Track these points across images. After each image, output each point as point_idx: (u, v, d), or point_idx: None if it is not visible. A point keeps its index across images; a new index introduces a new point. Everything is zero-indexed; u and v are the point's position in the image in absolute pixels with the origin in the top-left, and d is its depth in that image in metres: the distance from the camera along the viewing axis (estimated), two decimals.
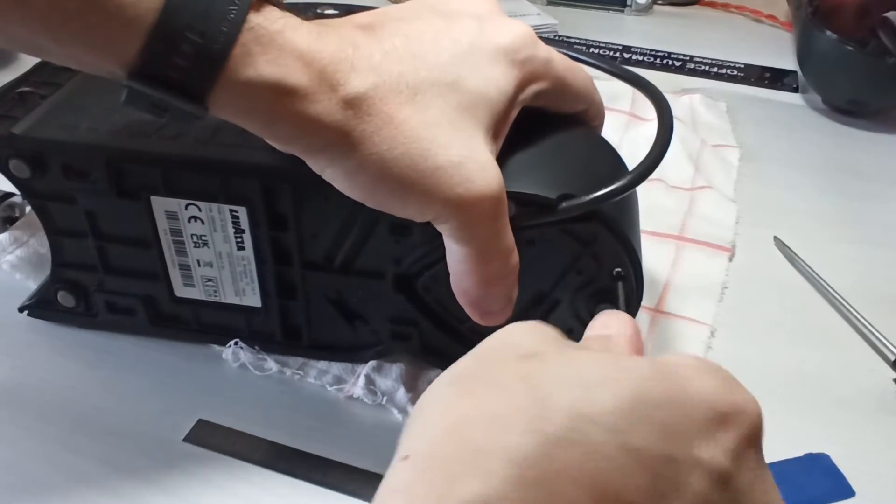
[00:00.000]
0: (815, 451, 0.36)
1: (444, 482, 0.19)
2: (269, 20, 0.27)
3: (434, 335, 0.38)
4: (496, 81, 0.30)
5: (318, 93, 0.27)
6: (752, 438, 0.22)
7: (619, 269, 0.34)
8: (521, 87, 0.32)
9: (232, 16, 0.26)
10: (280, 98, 0.27)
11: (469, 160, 0.29)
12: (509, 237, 0.31)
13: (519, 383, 0.21)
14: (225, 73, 0.26)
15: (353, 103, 0.28)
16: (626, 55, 0.75)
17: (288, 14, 0.28)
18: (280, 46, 0.27)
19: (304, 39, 0.27)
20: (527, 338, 0.24)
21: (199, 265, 0.38)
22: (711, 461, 0.20)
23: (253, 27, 0.26)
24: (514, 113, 0.32)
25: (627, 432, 0.20)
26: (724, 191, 0.54)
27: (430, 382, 0.38)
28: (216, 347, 0.41)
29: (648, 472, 0.20)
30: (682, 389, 0.21)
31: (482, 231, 0.30)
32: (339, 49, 0.28)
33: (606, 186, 0.32)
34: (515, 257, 0.32)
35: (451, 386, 0.23)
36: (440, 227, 0.30)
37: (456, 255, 0.31)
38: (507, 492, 0.19)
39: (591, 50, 0.76)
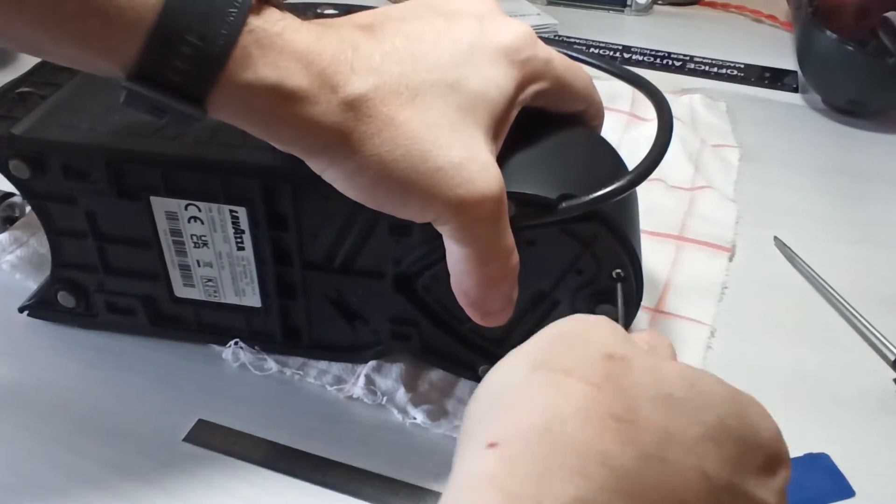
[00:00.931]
0: (815, 451, 0.36)
1: (540, 480, 0.19)
2: (268, 22, 0.27)
3: (434, 335, 0.38)
4: (496, 82, 0.30)
5: (318, 94, 0.27)
6: (787, 484, 0.23)
7: (619, 271, 0.34)
8: (521, 87, 0.32)
9: (231, 18, 0.26)
10: (280, 100, 0.27)
11: (469, 161, 0.29)
12: (510, 238, 0.31)
13: (609, 384, 0.21)
14: (224, 76, 0.26)
15: (354, 105, 0.28)
16: (626, 55, 0.75)
17: (288, 15, 0.28)
18: (280, 49, 0.27)
19: (303, 41, 0.27)
20: (608, 335, 0.24)
21: (199, 265, 0.38)
22: (764, 499, 0.22)
23: (253, 29, 0.26)
24: (515, 113, 0.32)
25: (703, 457, 0.21)
26: (724, 191, 0.54)
27: (430, 383, 0.39)
28: (216, 347, 0.41)
29: (716, 499, 0.21)
30: (753, 427, 0.23)
31: (483, 232, 0.30)
32: (339, 50, 0.28)
33: (606, 186, 0.32)
34: (516, 258, 0.32)
35: (537, 373, 0.22)
36: (440, 228, 0.30)
37: (456, 255, 0.31)
38: (603, 499, 0.19)
39: (591, 50, 0.76)
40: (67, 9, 0.25)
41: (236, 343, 0.40)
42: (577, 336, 0.24)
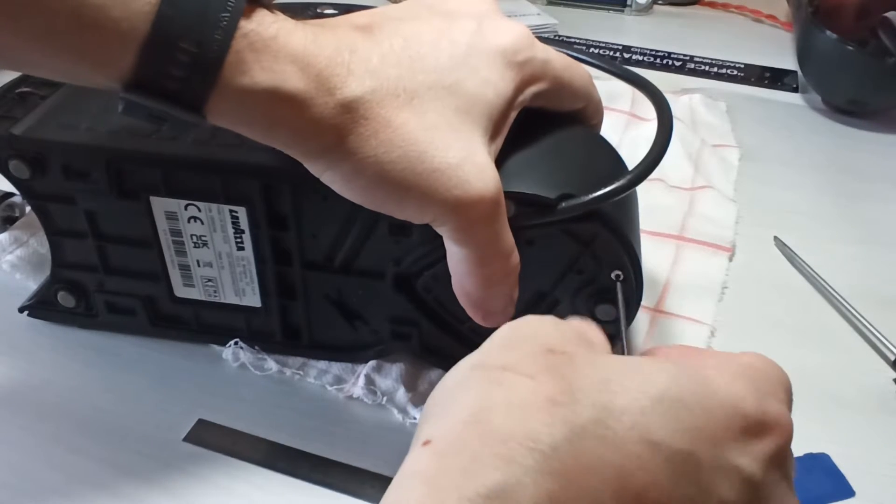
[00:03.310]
0: (815, 451, 0.36)
1: (465, 469, 0.19)
2: (262, 25, 0.27)
3: (434, 335, 0.38)
4: (494, 84, 0.30)
5: (315, 97, 0.27)
6: (784, 453, 0.22)
7: (618, 272, 0.34)
8: (519, 89, 0.32)
9: (224, 23, 0.26)
10: (277, 104, 0.27)
11: (466, 162, 0.29)
12: (509, 238, 0.31)
13: (547, 374, 0.21)
14: (221, 82, 0.26)
15: (351, 107, 0.28)
16: (626, 55, 0.75)
17: (281, 17, 0.28)
18: (275, 52, 0.27)
19: (299, 43, 0.27)
20: (554, 334, 0.24)
21: (199, 265, 0.38)
22: (744, 469, 0.21)
23: (246, 33, 0.26)
24: (514, 114, 0.32)
25: (651, 428, 0.20)
26: (724, 191, 0.54)
27: (430, 383, 0.39)
28: (216, 347, 0.41)
29: (671, 470, 0.20)
30: (709, 391, 0.22)
31: (481, 233, 0.30)
32: (336, 52, 0.28)
33: (606, 186, 0.32)
34: (516, 258, 0.32)
35: (474, 371, 0.23)
36: (439, 230, 0.30)
37: (456, 256, 0.31)
38: (529, 481, 0.19)
39: (591, 50, 0.76)
40: (62, 24, 0.25)
41: (236, 343, 0.40)
42: (521, 335, 0.24)
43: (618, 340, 0.33)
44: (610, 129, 0.44)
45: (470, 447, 0.20)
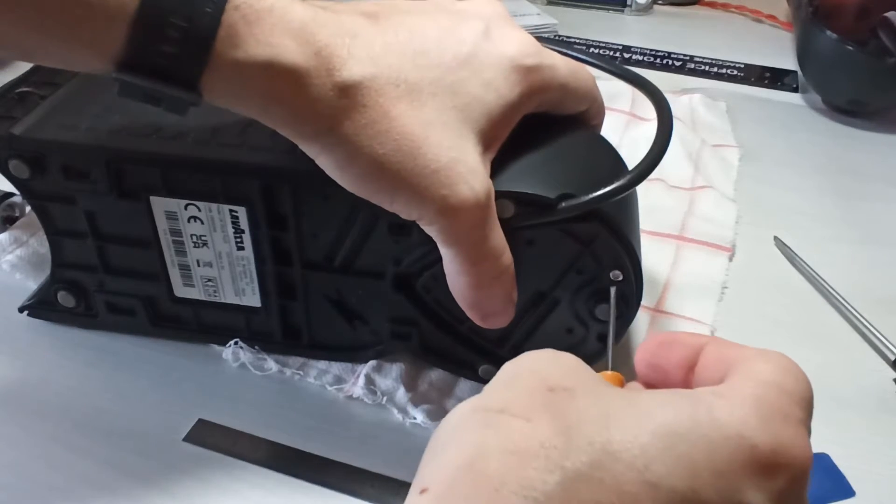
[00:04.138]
0: (815, 451, 0.36)
1: None
2: None
3: (434, 335, 0.38)
4: (497, 87, 0.30)
5: (312, 75, 0.27)
6: (801, 485, 0.21)
7: (616, 273, 0.34)
8: (526, 95, 0.31)
9: None
10: (272, 79, 0.26)
11: (457, 163, 0.29)
12: (497, 238, 0.31)
13: (544, 415, 0.21)
14: (214, 57, 0.26)
15: (349, 92, 0.27)
16: (626, 55, 0.75)
17: None
18: (271, 25, 0.26)
19: (298, 18, 0.27)
20: (554, 368, 0.23)
21: (199, 265, 0.38)
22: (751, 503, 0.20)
23: (238, 6, 0.26)
24: (516, 120, 0.32)
25: (649, 467, 0.19)
26: (724, 190, 0.54)
27: (430, 383, 0.39)
28: (216, 347, 0.41)
29: None
30: (712, 421, 0.20)
31: (468, 234, 0.30)
32: (337, 34, 0.27)
33: (606, 186, 0.32)
34: (507, 258, 0.31)
35: (474, 414, 0.22)
36: (427, 229, 0.30)
37: (446, 256, 0.31)
38: None
39: (591, 50, 0.76)
40: (53, 6, 0.24)
41: (236, 343, 0.40)
42: (521, 374, 0.23)
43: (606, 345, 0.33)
44: (610, 129, 0.44)
45: (464, 495, 0.19)
